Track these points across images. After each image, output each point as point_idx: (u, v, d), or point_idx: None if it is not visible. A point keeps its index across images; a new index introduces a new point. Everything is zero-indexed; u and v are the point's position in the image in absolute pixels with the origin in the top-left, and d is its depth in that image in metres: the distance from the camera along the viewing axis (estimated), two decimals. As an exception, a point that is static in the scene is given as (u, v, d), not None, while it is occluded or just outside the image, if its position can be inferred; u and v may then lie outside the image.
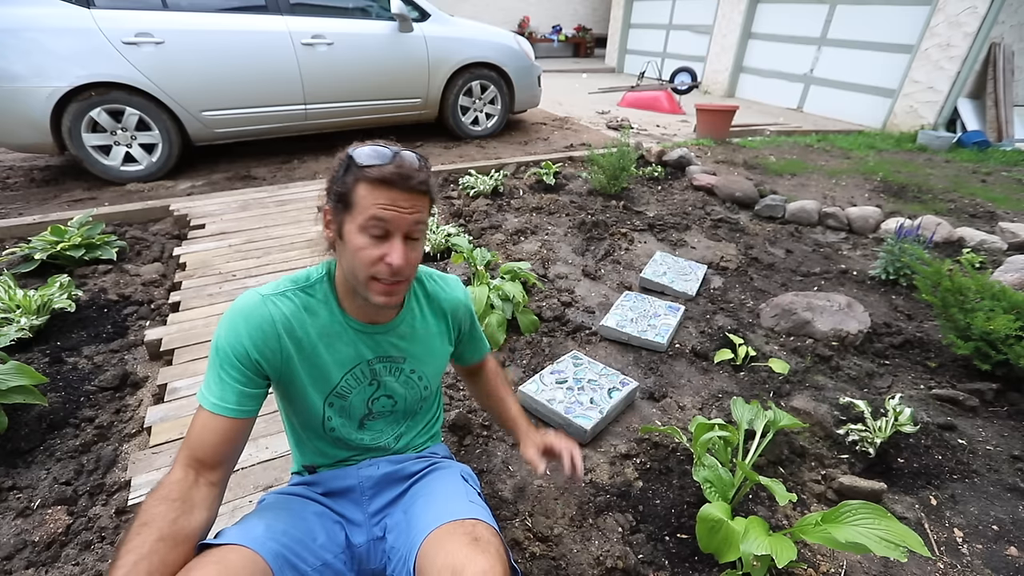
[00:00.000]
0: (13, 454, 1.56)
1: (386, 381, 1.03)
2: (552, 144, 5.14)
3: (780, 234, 3.34)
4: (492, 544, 0.87)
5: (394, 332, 1.01)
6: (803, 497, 1.52)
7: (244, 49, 3.76)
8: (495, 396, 1.28)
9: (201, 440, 0.85)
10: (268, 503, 1.00)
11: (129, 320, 2.26)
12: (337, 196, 0.85)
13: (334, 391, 0.98)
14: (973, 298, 1.98)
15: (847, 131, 6.13)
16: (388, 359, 1.01)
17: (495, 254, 2.49)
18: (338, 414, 1.01)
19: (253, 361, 0.87)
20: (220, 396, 0.86)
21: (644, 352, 2.16)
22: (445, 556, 0.83)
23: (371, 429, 1.06)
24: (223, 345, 0.86)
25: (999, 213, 3.71)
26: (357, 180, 0.82)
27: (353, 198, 0.82)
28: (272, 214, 3.22)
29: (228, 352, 0.86)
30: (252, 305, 0.88)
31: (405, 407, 1.08)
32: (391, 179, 0.81)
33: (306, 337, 0.92)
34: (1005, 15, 5.35)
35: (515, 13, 12.17)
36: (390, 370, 1.02)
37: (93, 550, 1.32)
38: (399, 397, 1.05)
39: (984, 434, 1.76)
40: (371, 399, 1.03)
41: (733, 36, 8.08)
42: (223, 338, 0.87)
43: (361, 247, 0.83)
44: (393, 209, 0.82)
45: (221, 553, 0.79)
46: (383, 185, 0.81)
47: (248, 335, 0.86)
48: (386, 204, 0.81)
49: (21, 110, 3.28)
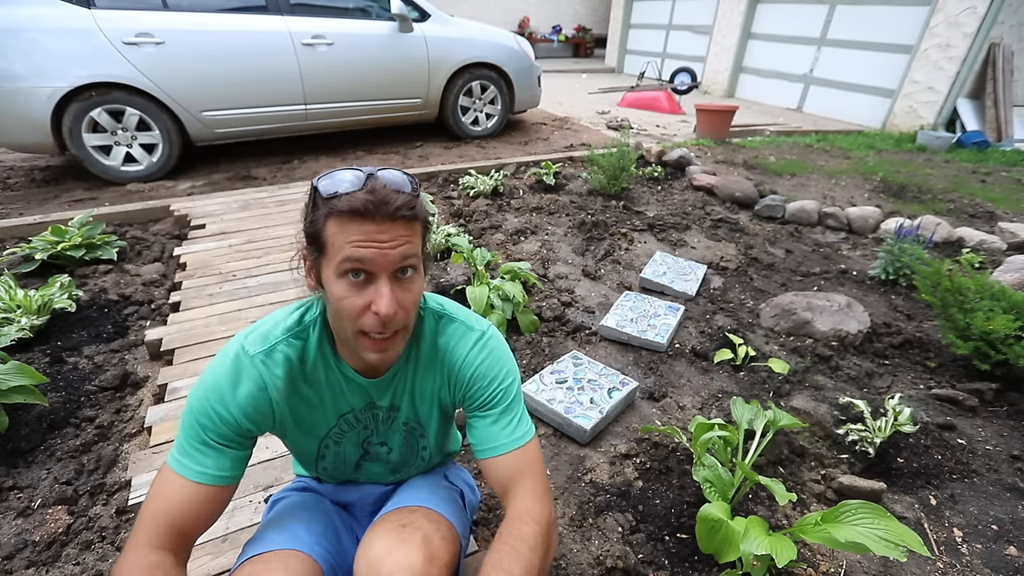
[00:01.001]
0: (14, 454, 1.56)
1: (380, 428, 0.92)
2: (552, 144, 5.14)
3: (780, 234, 3.35)
4: (420, 531, 0.79)
5: (396, 379, 0.87)
6: (803, 497, 1.52)
7: (244, 49, 3.77)
8: (491, 554, 0.76)
9: (186, 512, 0.73)
10: (290, 505, 0.97)
11: (129, 320, 2.26)
12: (308, 237, 0.72)
13: (328, 435, 0.89)
14: (972, 298, 1.98)
15: (847, 131, 6.13)
16: (381, 408, 0.89)
17: (495, 254, 2.49)
18: (332, 456, 0.94)
19: (244, 428, 0.77)
20: (211, 464, 0.74)
21: (644, 352, 2.16)
22: (366, 548, 0.78)
23: (367, 471, 0.99)
24: (208, 411, 0.75)
25: (998, 213, 3.71)
26: (327, 216, 0.67)
27: (324, 237, 0.68)
28: (272, 214, 3.22)
29: (215, 419, 0.75)
30: (239, 368, 0.76)
31: (401, 457, 0.97)
32: (363, 209, 0.65)
33: (299, 392, 0.82)
34: (1004, 15, 5.35)
35: (515, 13, 12.17)
36: (384, 419, 0.91)
37: (93, 550, 1.32)
38: (394, 446, 0.95)
39: (983, 434, 1.76)
40: (365, 442, 0.94)
41: (733, 36, 8.08)
42: (209, 402, 0.75)
43: (341, 296, 0.69)
44: (370, 245, 0.66)
45: (283, 559, 0.78)
46: (355, 217, 0.66)
47: (237, 405, 0.75)
48: (361, 241, 0.66)
49: (22, 110, 3.28)
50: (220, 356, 0.78)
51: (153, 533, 0.71)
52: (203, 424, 0.75)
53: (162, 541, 0.71)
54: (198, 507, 0.74)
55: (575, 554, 1.33)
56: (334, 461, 0.95)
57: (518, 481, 0.82)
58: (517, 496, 0.81)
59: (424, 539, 0.78)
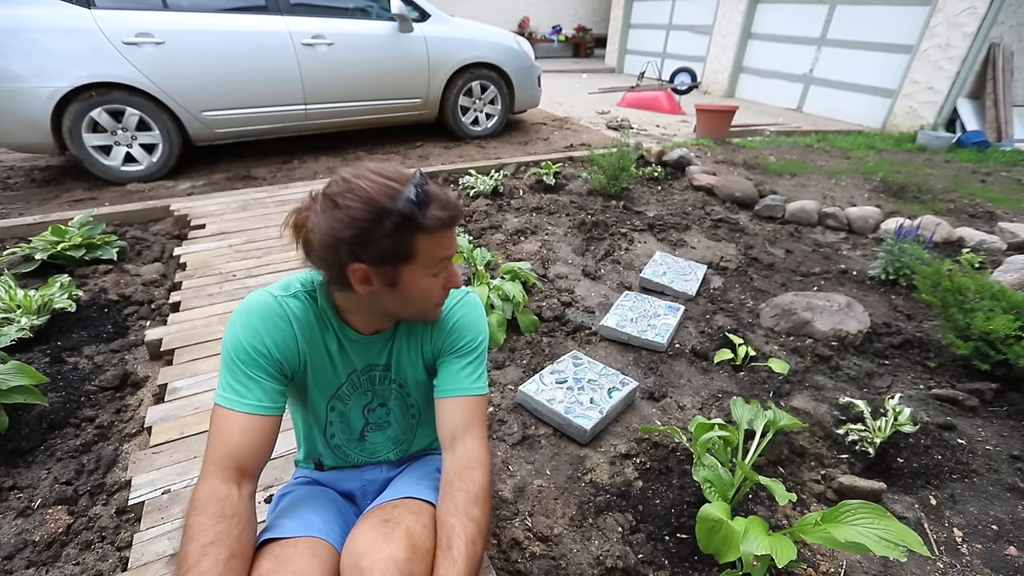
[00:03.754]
0: (14, 454, 1.56)
1: (379, 390, 1.01)
2: (552, 144, 5.14)
3: (780, 234, 3.35)
4: (402, 524, 0.81)
5: (385, 343, 0.97)
6: (803, 497, 1.52)
7: (244, 49, 3.77)
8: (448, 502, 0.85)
9: (242, 445, 0.80)
10: (299, 497, 0.99)
11: (129, 320, 2.26)
12: (387, 254, 0.77)
13: (336, 394, 0.97)
14: (972, 298, 1.98)
15: (847, 131, 6.13)
16: (378, 367, 0.98)
17: (495, 254, 2.49)
18: (339, 420, 1.00)
19: (275, 360, 0.85)
20: (256, 396, 0.82)
21: (644, 352, 2.16)
22: (351, 543, 0.80)
23: (371, 442, 1.05)
24: (243, 344, 0.82)
25: (998, 213, 3.71)
26: (417, 232, 0.77)
27: (415, 249, 0.79)
28: (272, 214, 3.22)
29: (249, 351, 0.82)
30: (267, 304, 0.85)
31: (398, 421, 1.05)
32: (450, 222, 0.81)
33: (315, 339, 0.90)
34: (1004, 15, 5.35)
35: (515, 13, 12.17)
36: (380, 379, 1.00)
37: (93, 550, 1.32)
38: (392, 407, 1.03)
39: (983, 434, 1.76)
40: (367, 408, 1.01)
41: (733, 36, 8.08)
42: (242, 337, 0.83)
43: (429, 288, 0.85)
44: (452, 244, 0.85)
45: (310, 544, 0.80)
46: (446, 229, 0.81)
47: (268, 334, 0.84)
48: (449, 244, 0.84)
49: (22, 110, 3.28)
50: (247, 301, 0.87)
51: (218, 467, 0.78)
52: (241, 359, 0.83)
53: (227, 473, 0.78)
54: (250, 439, 0.81)
55: (575, 554, 1.33)
56: (341, 427, 1.00)
57: (469, 428, 0.92)
58: (467, 441, 0.91)
59: (406, 532, 0.80)
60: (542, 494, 1.51)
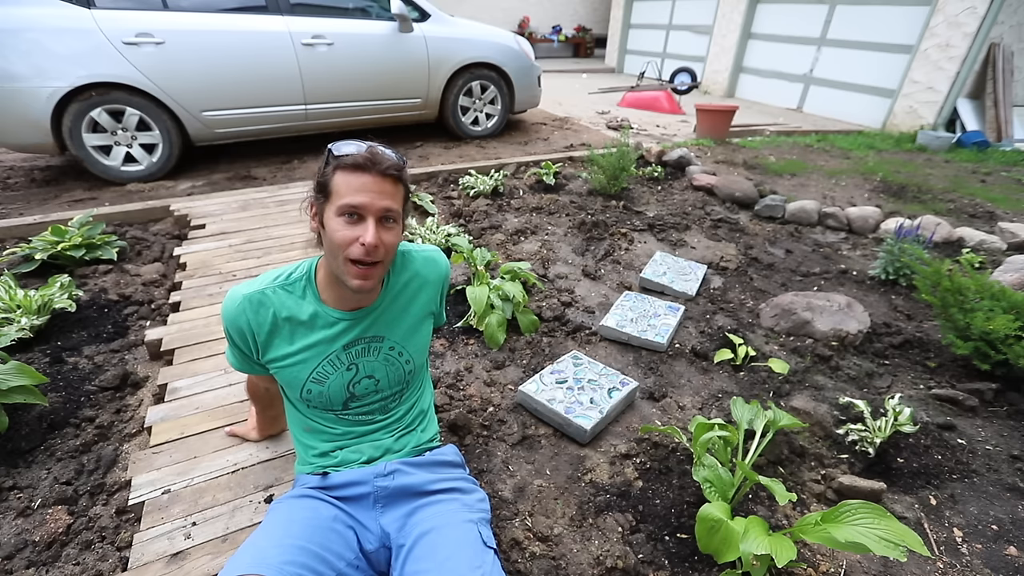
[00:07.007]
0: (14, 454, 1.56)
1: (364, 363, 1.07)
2: (552, 144, 5.14)
3: (780, 234, 3.35)
4: None
5: (375, 313, 1.06)
6: (803, 497, 1.52)
7: (244, 49, 3.76)
8: None
9: (255, 382, 1.31)
10: (280, 511, 0.99)
11: (129, 320, 2.26)
12: (318, 187, 0.94)
13: (310, 377, 1.05)
14: (972, 298, 1.98)
15: (847, 131, 6.13)
16: (365, 340, 1.06)
17: (495, 254, 2.49)
18: (317, 399, 1.07)
19: (250, 337, 1.05)
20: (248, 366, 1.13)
21: (644, 352, 2.16)
22: None
23: (357, 410, 1.12)
24: (227, 328, 1.05)
25: (998, 213, 3.71)
26: (335, 169, 0.91)
27: (331, 186, 0.91)
28: (272, 214, 3.22)
29: (232, 331, 1.05)
30: (239, 298, 1.02)
31: (389, 385, 1.12)
32: (363, 164, 0.89)
33: (283, 326, 1.03)
34: (1004, 15, 5.35)
35: (515, 13, 12.17)
36: (368, 351, 1.07)
37: (93, 550, 1.32)
38: (381, 375, 1.10)
39: (983, 434, 1.76)
40: (351, 383, 1.08)
41: (733, 36, 8.08)
42: (227, 321, 1.04)
43: (337, 229, 0.91)
44: (365, 193, 0.90)
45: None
46: (356, 170, 0.90)
47: (245, 320, 1.03)
48: (359, 188, 0.90)
49: (22, 110, 3.28)
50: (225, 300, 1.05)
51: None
52: (229, 333, 1.06)
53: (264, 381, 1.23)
54: (261, 380, 1.27)
55: (575, 554, 1.33)
56: (320, 401, 1.09)
57: None
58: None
59: None
60: (542, 494, 1.51)
